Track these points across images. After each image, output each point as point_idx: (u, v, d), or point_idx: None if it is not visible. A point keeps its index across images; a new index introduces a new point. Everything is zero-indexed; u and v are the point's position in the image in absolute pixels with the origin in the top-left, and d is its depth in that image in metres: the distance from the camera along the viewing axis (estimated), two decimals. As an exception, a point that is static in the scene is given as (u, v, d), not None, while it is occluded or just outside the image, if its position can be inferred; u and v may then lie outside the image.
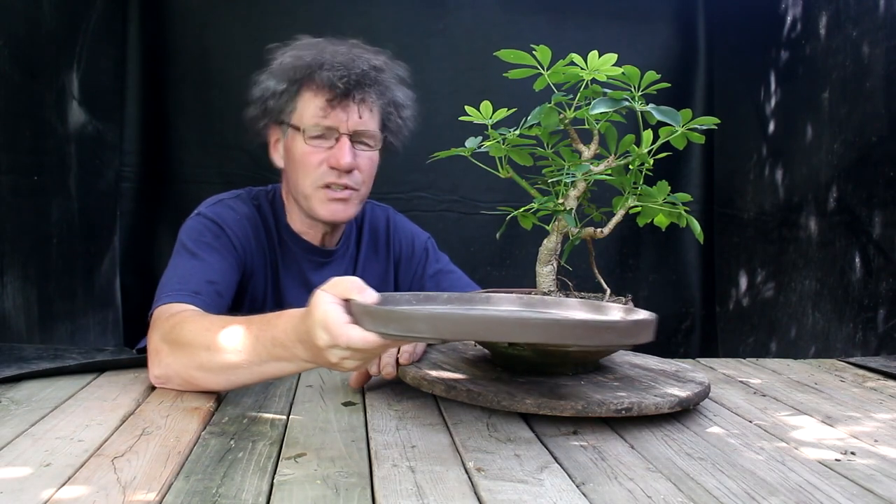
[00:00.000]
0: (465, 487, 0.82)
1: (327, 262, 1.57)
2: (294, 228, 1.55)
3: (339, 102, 1.43)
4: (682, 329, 2.84)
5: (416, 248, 1.68)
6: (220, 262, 1.38)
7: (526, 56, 1.13)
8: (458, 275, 1.70)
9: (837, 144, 2.05)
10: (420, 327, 0.82)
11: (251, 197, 1.55)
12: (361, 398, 1.18)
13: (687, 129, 1.10)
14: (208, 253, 1.38)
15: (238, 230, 1.46)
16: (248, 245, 1.48)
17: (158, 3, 2.50)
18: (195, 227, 1.43)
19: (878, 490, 0.85)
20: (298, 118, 1.46)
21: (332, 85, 1.41)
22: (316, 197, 1.46)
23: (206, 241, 1.40)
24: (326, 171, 1.45)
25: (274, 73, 1.47)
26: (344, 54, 1.44)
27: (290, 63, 1.45)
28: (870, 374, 1.48)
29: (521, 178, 1.22)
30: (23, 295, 1.70)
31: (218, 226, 1.44)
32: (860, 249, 1.94)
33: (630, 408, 1.02)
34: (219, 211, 1.48)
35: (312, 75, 1.43)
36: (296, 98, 1.46)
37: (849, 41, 2.01)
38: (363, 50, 1.48)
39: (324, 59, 1.43)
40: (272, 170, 1.58)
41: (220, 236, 1.43)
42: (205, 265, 1.36)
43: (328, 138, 1.45)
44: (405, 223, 1.71)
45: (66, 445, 0.92)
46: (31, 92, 1.83)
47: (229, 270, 1.39)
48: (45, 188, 1.90)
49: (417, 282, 1.66)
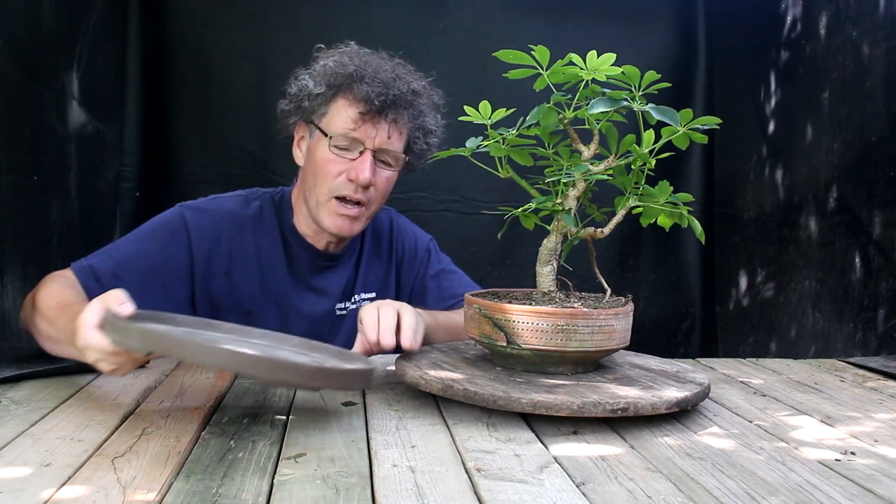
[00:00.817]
0: (465, 487, 0.82)
1: (331, 265, 1.57)
2: (300, 231, 1.55)
3: (370, 117, 1.43)
4: (682, 329, 2.84)
5: (418, 249, 1.68)
6: (148, 260, 1.42)
7: (525, 56, 1.13)
8: (458, 275, 1.70)
9: (837, 144, 2.05)
10: (131, 340, 0.95)
11: (254, 198, 1.56)
12: (361, 398, 1.18)
13: (689, 128, 1.10)
14: (150, 244, 1.44)
15: (208, 233, 1.47)
16: (220, 246, 1.48)
17: (158, 3, 2.50)
18: (164, 218, 1.49)
19: (878, 490, 0.85)
20: (327, 123, 1.46)
21: (367, 99, 1.42)
22: (327, 207, 1.47)
23: (159, 236, 1.45)
24: (344, 182, 1.45)
25: (315, 73, 1.47)
26: (386, 72, 1.45)
27: (333, 68, 1.45)
28: (870, 374, 1.48)
29: (521, 178, 1.22)
30: (23, 295, 1.69)
31: (184, 225, 1.46)
32: (860, 249, 1.94)
33: (626, 408, 1.02)
34: (200, 208, 1.50)
35: (351, 85, 1.43)
36: (329, 103, 1.45)
37: (849, 41, 2.01)
38: (406, 71, 1.49)
39: (365, 72, 1.43)
40: (272, 170, 1.58)
41: (177, 235, 1.46)
42: (132, 258, 1.42)
43: (352, 150, 1.45)
44: (407, 225, 1.71)
45: (66, 445, 0.92)
46: (31, 92, 1.83)
47: (151, 270, 1.42)
48: (45, 188, 1.90)
49: (420, 283, 1.66)
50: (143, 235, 1.46)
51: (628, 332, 1.17)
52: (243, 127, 2.56)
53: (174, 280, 1.45)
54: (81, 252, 1.45)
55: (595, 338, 1.11)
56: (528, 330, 1.11)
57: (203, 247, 1.47)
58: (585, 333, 1.11)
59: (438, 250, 1.72)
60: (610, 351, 1.17)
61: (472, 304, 1.18)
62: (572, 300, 1.20)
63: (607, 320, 1.12)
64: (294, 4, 2.55)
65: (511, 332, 1.12)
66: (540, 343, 1.11)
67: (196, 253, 1.46)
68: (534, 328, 1.10)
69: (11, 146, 1.72)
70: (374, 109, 1.42)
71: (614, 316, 1.13)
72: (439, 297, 1.64)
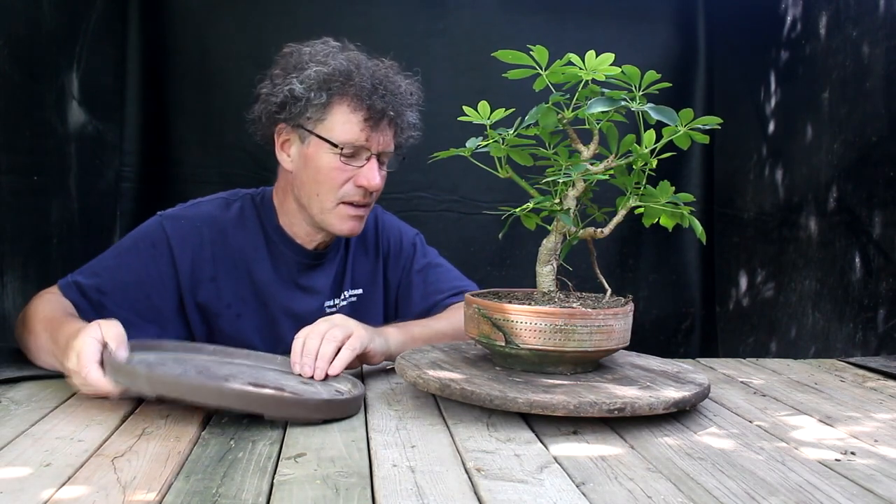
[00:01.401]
0: (465, 487, 0.82)
1: (318, 264, 1.57)
2: (286, 231, 1.54)
3: (374, 123, 1.43)
4: (682, 329, 2.84)
5: (403, 244, 1.67)
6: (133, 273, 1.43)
7: (524, 56, 1.13)
8: (444, 268, 1.69)
9: (837, 144, 2.05)
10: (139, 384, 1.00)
11: (234, 200, 1.55)
12: (362, 400, 1.18)
13: (689, 128, 1.10)
14: (133, 258, 1.44)
15: (189, 241, 1.47)
16: (202, 252, 1.48)
17: (158, 3, 2.50)
18: (144, 230, 1.49)
19: (878, 490, 0.85)
20: (328, 131, 1.44)
21: (372, 106, 1.41)
22: (336, 213, 1.46)
23: (141, 248, 1.46)
24: (352, 189, 1.45)
25: (304, 77, 1.43)
26: (383, 75, 1.45)
27: (329, 73, 1.43)
28: (870, 374, 1.48)
29: (521, 178, 1.22)
30: (23, 295, 1.70)
31: (164, 236, 1.46)
32: (860, 249, 1.94)
33: (623, 408, 1.02)
34: (180, 216, 1.50)
35: (352, 91, 1.42)
36: (327, 109, 1.43)
37: (849, 41, 2.01)
38: (394, 71, 1.49)
39: (365, 77, 1.42)
40: (272, 170, 1.58)
41: (158, 247, 1.46)
42: (112, 273, 1.43)
43: (359, 157, 1.45)
44: (392, 220, 1.71)
45: (66, 445, 0.92)
46: (31, 92, 1.83)
47: (135, 284, 1.43)
48: (45, 188, 1.90)
49: (406, 278, 1.66)
50: (124, 249, 1.47)
51: (628, 332, 1.17)
52: (243, 127, 2.54)
53: (159, 292, 1.45)
54: (81, 252, 1.46)
55: (594, 338, 1.11)
56: (527, 330, 1.11)
57: (186, 256, 1.46)
58: (584, 333, 1.11)
59: (424, 244, 1.71)
60: (609, 351, 1.17)
61: (472, 304, 1.18)
62: (572, 300, 1.20)
63: (606, 320, 1.12)
64: (294, 4, 2.55)
65: (509, 331, 1.12)
66: (538, 343, 1.11)
67: (179, 264, 1.46)
68: (532, 328, 1.10)
69: (11, 146, 1.72)
70: (378, 115, 1.42)
71: (613, 316, 1.13)
72: (424, 293, 1.63)
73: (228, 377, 1.14)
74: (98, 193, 2.28)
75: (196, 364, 1.17)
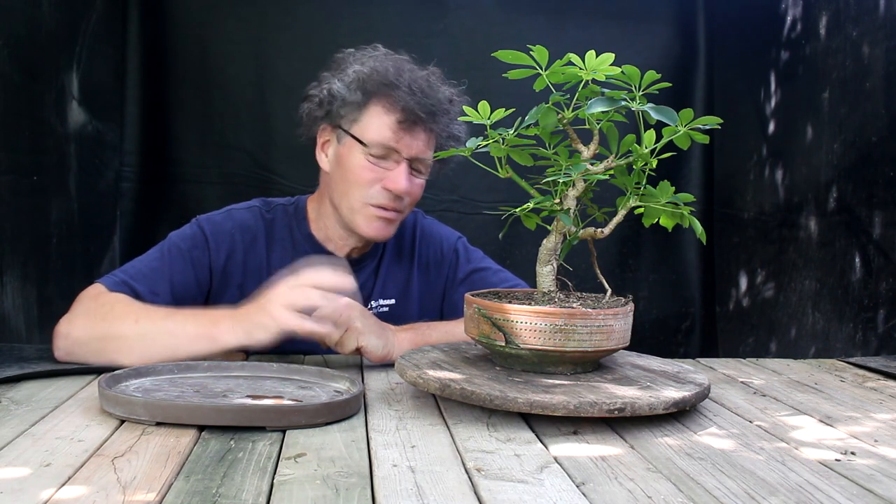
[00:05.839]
0: (465, 487, 0.82)
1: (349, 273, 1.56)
2: (318, 238, 1.53)
3: (408, 127, 1.42)
4: (682, 329, 2.84)
5: (444, 252, 1.64)
6: (179, 274, 1.42)
7: (524, 56, 1.13)
8: (491, 270, 1.66)
9: (837, 144, 2.05)
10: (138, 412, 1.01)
11: (267, 210, 1.54)
12: (361, 398, 1.18)
13: (690, 128, 1.10)
14: (176, 261, 1.43)
15: (224, 244, 1.47)
16: (235, 256, 1.48)
17: (158, 3, 2.50)
18: (183, 233, 1.48)
19: (878, 490, 0.85)
20: (361, 130, 1.44)
21: (406, 108, 1.41)
22: (363, 213, 1.45)
23: (184, 249, 1.45)
24: (379, 191, 1.44)
25: (347, 78, 1.44)
26: (422, 79, 1.44)
27: (367, 73, 1.43)
28: (870, 374, 1.48)
29: (521, 178, 1.22)
30: (22, 295, 1.70)
31: (204, 237, 1.46)
32: (860, 249, 1.95)
33: (623, 408, 1.02)
34: (215, 220, 1.49)
35: (388, 92, 1.41)
36: (362, 109, 1.43)
37: (849, 41, 2.01)
38: (438, 79, 1.48)
39: (402, 80, 1.42)
40: (272, 170, 1.58)
41: (199, 248, 1.45)
42: (162, 273, 1.41)
43: (388, 160, 1.44)
44: (433, 227, 1.68)
45: (66, 445, 0.92)
46: (31, 92, 1.83)
47: (182, 285, 1.43)
48: (45, 188, 1.90)
49: (451, 286, 1.63)
50: (168, 252, 1.44)
51: (628, 332, 1.17)
52: (243, 127, 2.56)
53: (199, 294, 1.45)
54: (81, 252, 1.46)
55: (594, 338, 1.11)
56: (526, 330, 1.11)
57: (220, 257, 1.47)
58: (584, 333, 1.11)
59: (468, 248, 1.68)
60: (609, 351, 1.17)
61: (471, 304, 1.18)
62: (572, 300, 1.20)
63: (605, 320, 1.12)
64: (294, 4, 2.55)
65: (509, 331, 1.12)
66: (538, 343, 1.11)
67: (214, 264, 1.46)
68: (532, 328, 1.10)
69: (11, 146, 1.72)
70: (411, 118, 1.41)
71: (613, 316, 1.13)
72: None
73: (227, 392, 1.14)
74: (98, 193, 2.28)
75: (192, 383, 1.17)
